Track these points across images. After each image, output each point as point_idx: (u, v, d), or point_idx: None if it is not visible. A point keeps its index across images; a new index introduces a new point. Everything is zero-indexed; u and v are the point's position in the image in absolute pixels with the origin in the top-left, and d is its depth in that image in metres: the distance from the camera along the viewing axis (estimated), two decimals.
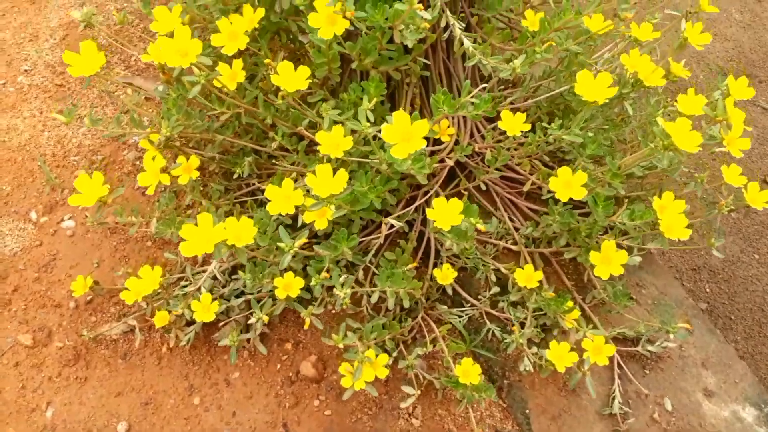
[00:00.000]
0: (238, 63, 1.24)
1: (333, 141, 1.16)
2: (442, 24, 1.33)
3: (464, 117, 1.56)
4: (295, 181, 1.47)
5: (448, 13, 1.35)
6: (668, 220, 1.20)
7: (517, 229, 1.50)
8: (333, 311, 1.43)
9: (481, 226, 1.10)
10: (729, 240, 2.33)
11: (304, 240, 1.05)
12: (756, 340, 2.12)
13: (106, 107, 1.69)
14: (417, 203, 1.48)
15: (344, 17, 1.10)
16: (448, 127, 1.54)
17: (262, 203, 1.46)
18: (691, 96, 1.43)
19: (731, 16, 3.02)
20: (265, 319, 1.17)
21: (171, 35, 1.22)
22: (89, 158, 1.58)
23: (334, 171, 1.07)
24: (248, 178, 1.49)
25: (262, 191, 1.45)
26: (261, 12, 1.28)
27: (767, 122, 2.59)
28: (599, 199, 1.23)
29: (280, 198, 1.12)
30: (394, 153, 0.94)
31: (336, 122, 1.21)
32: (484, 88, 1.53)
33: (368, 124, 1.10)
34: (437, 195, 1.55)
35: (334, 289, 1.11)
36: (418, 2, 1.08)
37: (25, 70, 1.77)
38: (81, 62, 1.14)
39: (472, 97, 1.14)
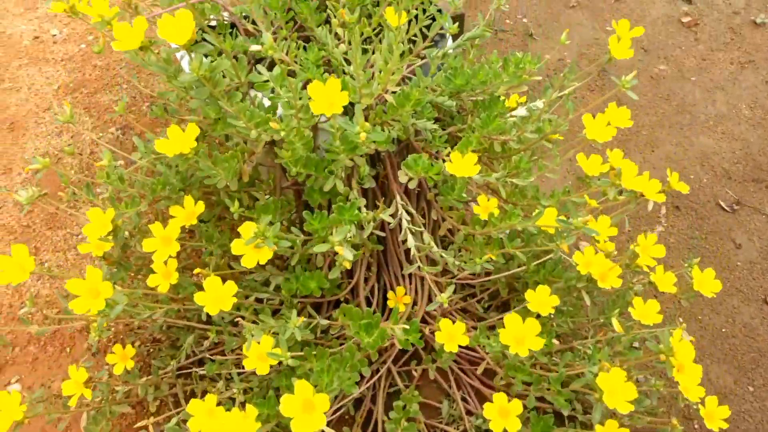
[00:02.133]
0: (172, 263, 1.22)
1: (261, 353, 1.13)
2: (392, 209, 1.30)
3: (422, 278, 1.51)
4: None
5: (398, 200, 1.32)
6: None
7: (470, 413, 1.44)
8: None
9: None
10: (722, 369, 2.22)
11: None
12: None
13: (69, 251, 1.69)
14: (366, 383, 1.44)
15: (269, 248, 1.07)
16: (405, 294, 1.50)
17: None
18: (659, 274, 1.36)
19: (741, 113, 2.90)
20: None
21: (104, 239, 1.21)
22: (43, 312, 1.58)
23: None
24: (198, 344, 1.47)
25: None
26: (201, 207, 1.26)
27: None
28: (535, 426, 1.16)
29: (203, 414, 1.09)
30: (294, 429, 0.90)
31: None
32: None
33: (288, 354, 1.07)
34: (389, 372, 1.50)
35: None
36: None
37: None
38: (10, 266, 1.12)
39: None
